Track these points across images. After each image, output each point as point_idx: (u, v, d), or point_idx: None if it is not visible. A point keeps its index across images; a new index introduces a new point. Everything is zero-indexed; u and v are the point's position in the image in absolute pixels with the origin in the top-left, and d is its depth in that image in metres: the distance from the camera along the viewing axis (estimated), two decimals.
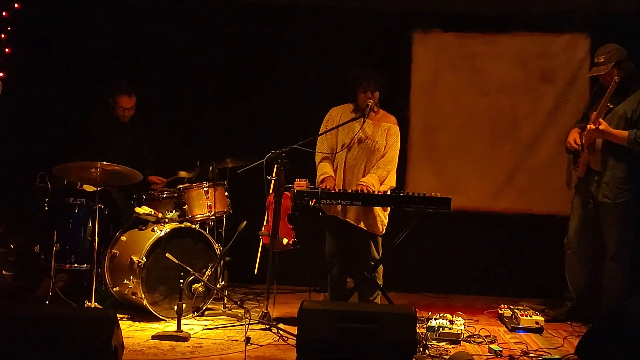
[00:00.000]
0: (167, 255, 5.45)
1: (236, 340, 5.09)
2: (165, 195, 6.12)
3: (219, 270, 5.96)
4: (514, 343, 5.29)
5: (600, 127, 5.58)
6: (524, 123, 7.08)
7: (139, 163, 6.26)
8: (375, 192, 5.42)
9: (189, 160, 6.43)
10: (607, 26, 6.74)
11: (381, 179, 5.61)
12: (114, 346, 4.03)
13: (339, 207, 5.60)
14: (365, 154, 5.67)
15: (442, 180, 7.14)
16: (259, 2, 7.16)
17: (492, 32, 7.13)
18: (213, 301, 5.93)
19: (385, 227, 5.69)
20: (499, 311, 6.00)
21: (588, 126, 5.69)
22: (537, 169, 6.91)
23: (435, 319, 5.40)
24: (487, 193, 7.18)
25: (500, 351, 4.96)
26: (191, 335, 5.14)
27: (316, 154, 5.78)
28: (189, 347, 4.94)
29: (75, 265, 5.86)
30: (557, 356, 4.83)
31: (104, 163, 5.58)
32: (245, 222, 5.80)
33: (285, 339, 5.11)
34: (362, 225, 5.61)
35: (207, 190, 6.09)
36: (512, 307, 5.92)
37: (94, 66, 7.13)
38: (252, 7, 7.18)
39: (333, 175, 5.68)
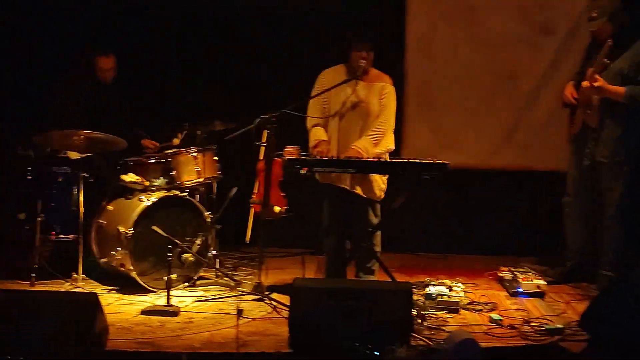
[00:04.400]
0: (154, 227, 5.24)
1: (228, 314, 4.92)
2: (152, 161, 5.88)
3: (209, 239, 5.78)
4: (515, 310, 5.12)
5: (596, 84, 5.33)
6: (524, 77, 6.80)
7: (125, 126, 6.12)
8: (369, 157, 5.22)
9: (177, 123, 6.18)
10: None
11: (375, 141, 5.38)
12: (98, 331, 3.87)
13: (333, 174, 5.40)
14: (359, 118, 5.43)
15: (439, 136, 6.95)
16: None
17: None
18: (205, 268, 5.75)
19: (384, 192, 5.50)
20: (499, 274, 5.83)
21: (583, 83, 5.46)
22: (537, 125, 6.69)
23: (433, 286, 5.26)
24: (486, 149, 6.94)
25: (501, 320, 4.81)
26: (181, 309, 4.98)
27: (307, 119, 5.53)
28: (179, 322, 4.77)
29: (61, 235, 5.67)
30: (560, 325, 4.66)
31: (86, 131, 5.42)
32: (235, 189, 5.60)
33: (279, 310, 4.96)
34: (358, 190, 5.42)
35: (196, 155, 5.85)
36: (512, 269, 5.75)
37: (74, 30, 6.82)
38: None
39: (327, 140, 5.47)
